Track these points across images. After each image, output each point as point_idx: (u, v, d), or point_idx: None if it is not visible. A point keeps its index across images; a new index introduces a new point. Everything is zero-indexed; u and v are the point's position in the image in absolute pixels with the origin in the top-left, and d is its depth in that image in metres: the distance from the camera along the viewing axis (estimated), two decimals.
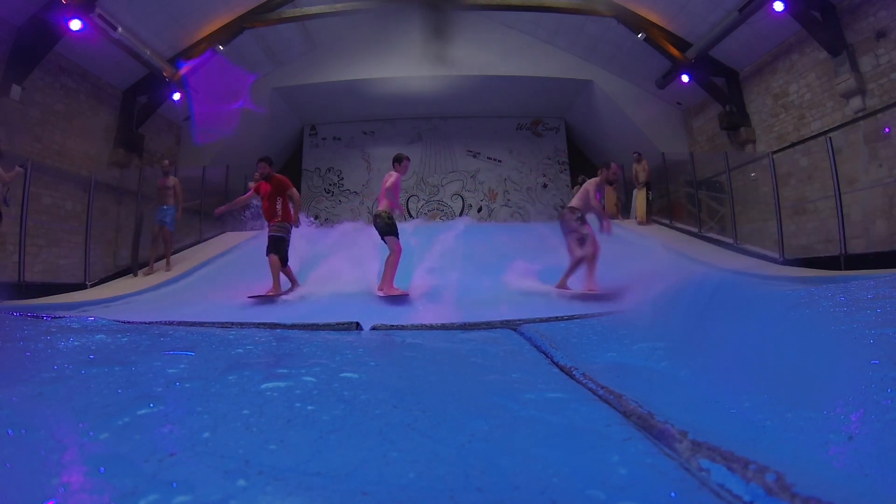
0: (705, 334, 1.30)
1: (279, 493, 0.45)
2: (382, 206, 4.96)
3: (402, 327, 1.73)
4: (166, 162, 7.31)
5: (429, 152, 14.21)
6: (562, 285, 4.82)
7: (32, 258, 6.45)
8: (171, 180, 6.90)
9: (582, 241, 4.81)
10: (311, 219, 10.00)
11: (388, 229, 4.86)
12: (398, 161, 5.11)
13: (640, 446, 0.58)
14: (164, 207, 6.83)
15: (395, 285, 4.81)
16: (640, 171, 9.30)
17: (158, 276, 6.48)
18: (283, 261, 5.12)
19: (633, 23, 9.50)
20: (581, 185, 5.48)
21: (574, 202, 5.07)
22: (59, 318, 1.56)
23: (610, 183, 5.24)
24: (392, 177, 5.01)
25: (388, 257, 4.85)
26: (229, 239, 8.62)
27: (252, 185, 10.38)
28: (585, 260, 4.75)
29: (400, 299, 4.60)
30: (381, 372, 0.93)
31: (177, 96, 9.22)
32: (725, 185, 8.00)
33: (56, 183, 7.52)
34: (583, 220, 4.89)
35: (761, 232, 7.22)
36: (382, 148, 14.15)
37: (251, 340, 1.30)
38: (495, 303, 4.27)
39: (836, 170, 5.74)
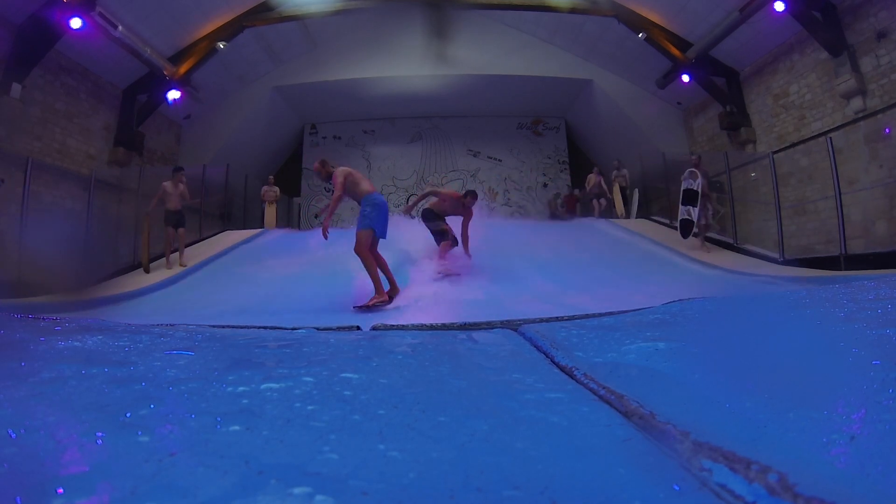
0: (706, 335, 1.31)
1: (279, 493, 0.45)
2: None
3: (402, 327, 1.73)
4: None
5: (429, 151, 14.21)
6: (440, 266, 5.38)
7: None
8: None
9: (441, 233, 5.58)
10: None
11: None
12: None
13: (640, 447, 0.58)
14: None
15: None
16: (619, 177, 10.21)
17: (162, 274, 6.50)
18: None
19: (634, 22, 9.50)
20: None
21: (433, 205, 5.87)
22: (59, 318, 1.56)
23: (464, 206, 5.77)
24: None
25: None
26: (229, 237, 8.63)
27: (266, 188, 10.39)
28: (443, 246, 5.52)
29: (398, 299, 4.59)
30: (381, 372, 0.93)
31: (171, 95, 9.19)
32: (725, 185, 8.00)
33: (56, 181, 7.52)
34: (438, 217, 5.70)
35: (761, 232, 7.22)
36: (383, 147, 14.15)
37: (251, 341, 1.30)
38: None
39: (836, 170, 5.74)
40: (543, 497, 0.46)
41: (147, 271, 6.66)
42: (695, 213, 6.90)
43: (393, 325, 1.73)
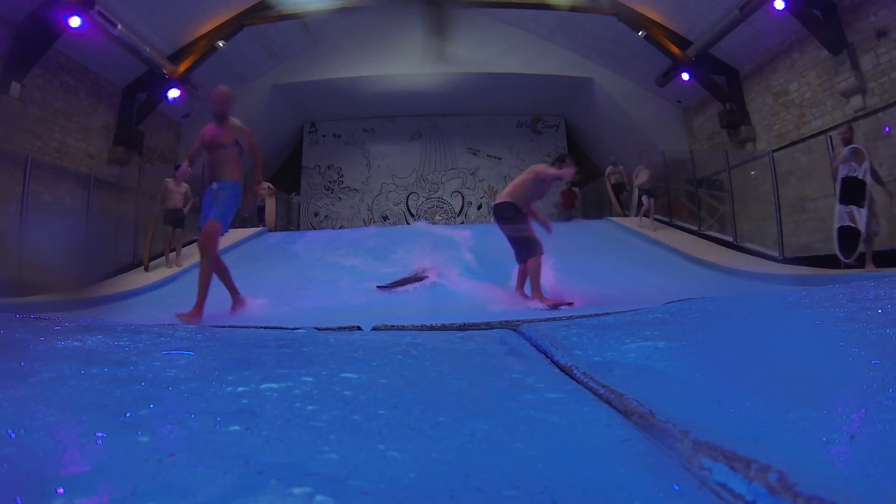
0: (706, 334, 1.30)
1: (279, 493, 0.45)
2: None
3: (403, 328, 1.73)
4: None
5: (429, 150, 14.21)
6: (543, 299, 3.63)
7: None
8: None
9: (526, 244, 3.69)
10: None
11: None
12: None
13: (640, 446, 0.58)
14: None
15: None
16: (614, 173, 9.82)
17: (162, 273, 6.52)
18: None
19: (634, 21, 9.49)
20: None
21: (511, 194, 3.86)
22: (59, 318, 1.56)
23: (562, 178, 3.98)
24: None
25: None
26: (228, 236, 8.60)
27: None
28: (534, 265, 3.65)
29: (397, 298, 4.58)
30: (381, 372, 0.93)
31: (171, 94, 9.18)
32: (725, 183, 7.99)
33: (55, 180, 7.50)
34: (519, 216, 3.80)
35: (761, 230, 7.20)
36: (382, 145, 14.15)
37: (251, 341, 1.30)
38: None
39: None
40: (543, 497, 0.46)
41: (147, 269, 6.68)
42: (862, 217, 4.55)
43: (393, 326, 1.73)
